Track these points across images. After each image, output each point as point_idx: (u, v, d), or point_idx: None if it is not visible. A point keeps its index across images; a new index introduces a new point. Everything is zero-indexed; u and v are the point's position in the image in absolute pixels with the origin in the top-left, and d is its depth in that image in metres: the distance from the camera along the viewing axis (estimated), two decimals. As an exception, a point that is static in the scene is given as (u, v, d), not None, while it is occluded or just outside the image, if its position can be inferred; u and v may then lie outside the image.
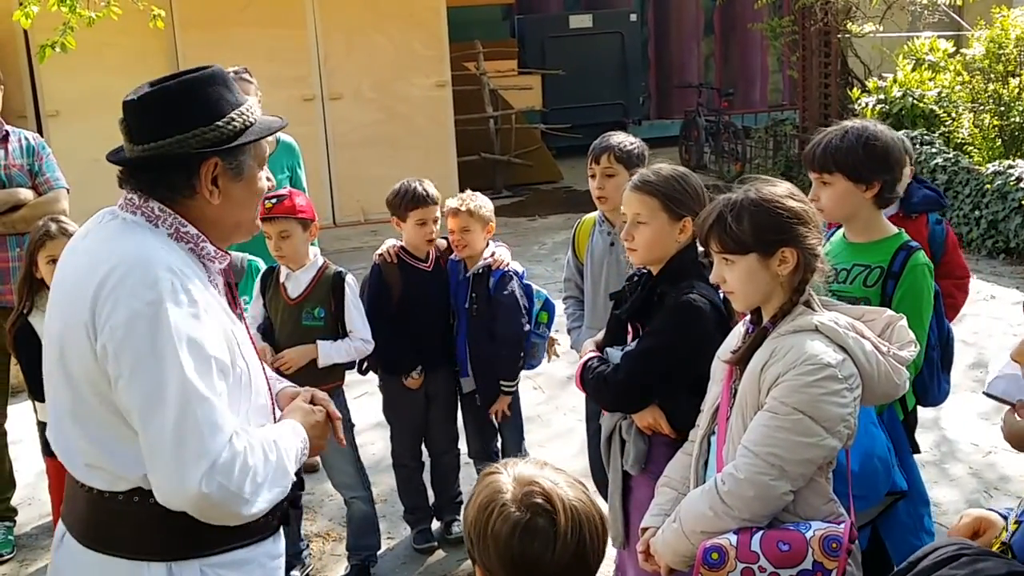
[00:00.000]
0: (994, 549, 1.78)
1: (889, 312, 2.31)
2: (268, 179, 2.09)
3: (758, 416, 2.15)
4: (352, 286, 3.75)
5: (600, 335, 2.91)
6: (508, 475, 1.55)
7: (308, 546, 4.11)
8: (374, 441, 5.05)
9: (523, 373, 4.13)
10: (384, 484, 4.59)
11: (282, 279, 3.74)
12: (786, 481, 2.10)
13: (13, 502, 4.36)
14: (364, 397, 5.54)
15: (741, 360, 2.24)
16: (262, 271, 3.85)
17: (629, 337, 2.79)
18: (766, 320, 2.24)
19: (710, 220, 2.26)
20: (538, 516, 1.49)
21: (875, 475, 2.64)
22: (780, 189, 2.26)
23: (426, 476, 4.26)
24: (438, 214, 3.91)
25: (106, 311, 1.78)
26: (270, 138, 4.60)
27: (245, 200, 2.02)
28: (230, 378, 1.89)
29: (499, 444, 4.28)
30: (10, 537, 4.25)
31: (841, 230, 2.99)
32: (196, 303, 1.84)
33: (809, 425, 2.08)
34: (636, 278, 2.84)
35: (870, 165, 2.80)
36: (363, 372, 4.09)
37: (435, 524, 4.24)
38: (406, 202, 3.85)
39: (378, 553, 4.06)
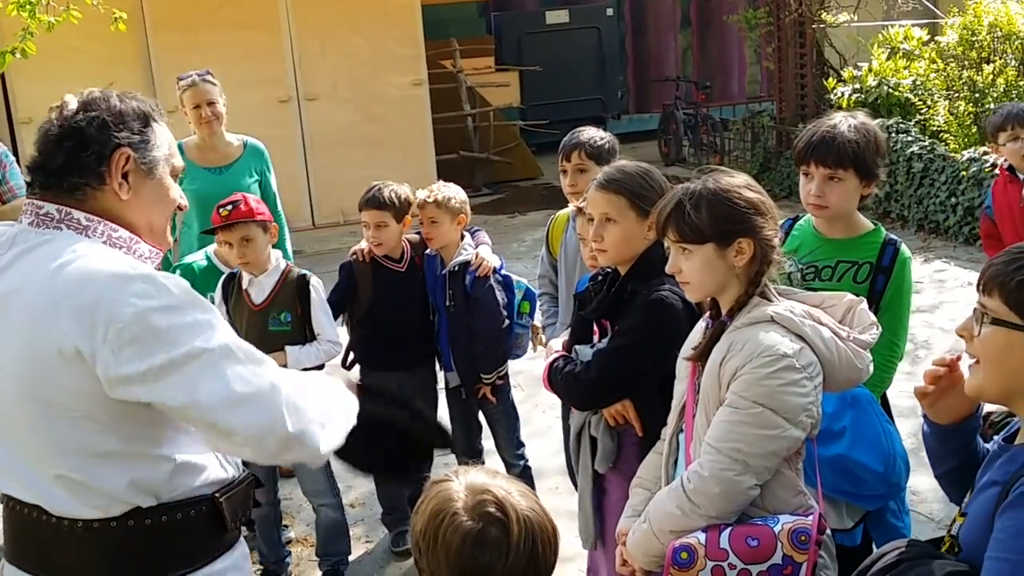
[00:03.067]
0: (945, 544, 1.75)
1: (850, 296, 2.29)
2: (180, 197, 2.04)
3: (719, 412, 2.13)
4: (317, 288, 3.72)
5: (565, 336, 2.89)
6: (459, 483, 1.51)
7: (290, 553, 4.07)
8: (352, 444, 5.02)
9: (511, 366, 4.11)
10: (363, 487, 4.56)
11: (244, 285, 3.69)
12: (751, 475, 2.08)
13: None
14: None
15: (701, 356, 2.22)
16: (223, 277, 3.80)
17: (596, 337, 2.76)
18: (724, 314, 2.23)
19: (668, 209, 2.23)
20: (491, 525, 1.46)
21: (900, 475, 2.65)
22: (738, 180, 2.25)
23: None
24: (388, 220, 3.84)
25: (111, 325, 1.70)
26: (235, 141, 4.64)
27: (156, 202, 1.96)
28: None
29: (483, 441, 4.27)
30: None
31: (804, 223, 2.95)
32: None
33: (770, 417, 2.06)
34: (600, 277, 2.81)
35: (878, 162, 2.79)
36: (348, 367, 4.06)
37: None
38: (360, 202, 3.88)
39: (356, 556, 4.04)
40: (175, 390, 1.74)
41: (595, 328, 2.79)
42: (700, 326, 2.37)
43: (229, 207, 3.57)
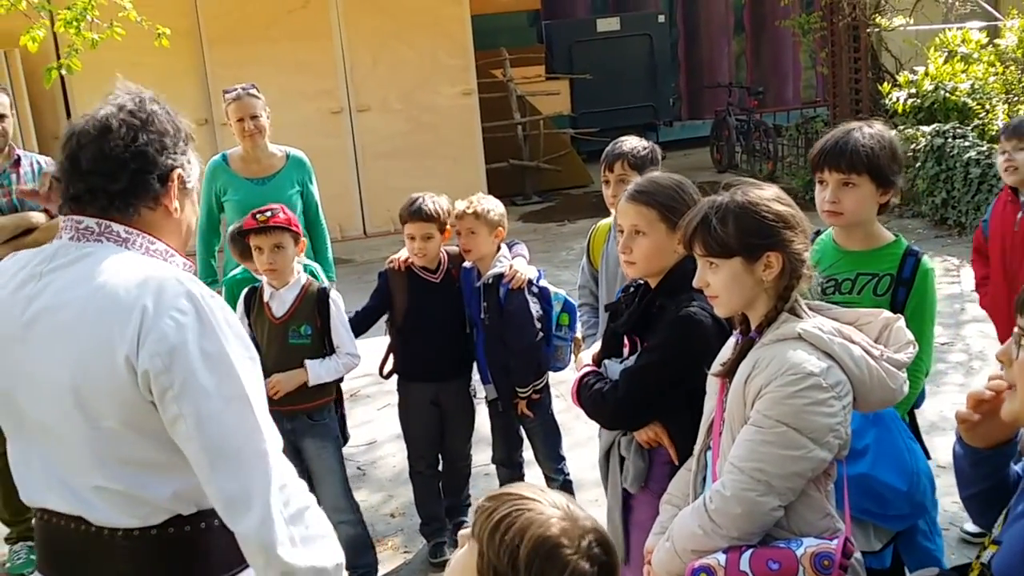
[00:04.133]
0: (973, 572, 1.69)
1: (886, 313, 2.23)
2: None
3: (743, 431, 2.09)
4: (336, 302, 3.76)
5: (596, 347, 2.86)
6: (554, 510, 1.47)
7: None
8: (394, 453, 5.05)
9: (552, 376, 4.08)
10: (403, 497, 4.58)
11: (266, 298, 3.73)
12: (774, 496, 2.04)
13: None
14: (387, 409, 5.54)
15: (728, 372, 2.18)
16: (244, 291, 3.85)
17: (626, 351, 2.72)
18: (752, 329, 2.18)
19: (694, 222, 2.20)
20: (602, 569, 1.45)
21: (924, 494, 2.58)
22: (767, 192, 2.20)
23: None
24: (434, 232, 3.88)
25: (150, 334, 1.74)
26: (278, 153, 4.70)
27: (192, 211, 2.02)
28: (258, 375, 1.89)
29: (523, 453, 4.25)
30: (32, 557, 4.29)
31: (824, 236, 2.90)
32: (224, 307, 1.84)
33: (794, 437, 2.01)
34: (632, 289, 2.78)
35: (894, 168, 2.74)
36: (386, 376, 4.12)
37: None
38: (403, 214, 3.89)
39: (395, 566, 4.05)
40: (177, 419, 1.77)
41: (626, 341, 2.76)
42: (731, 342, 2.33)
43: (267, 213, 3.63)
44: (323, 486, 3.84)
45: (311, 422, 3.77)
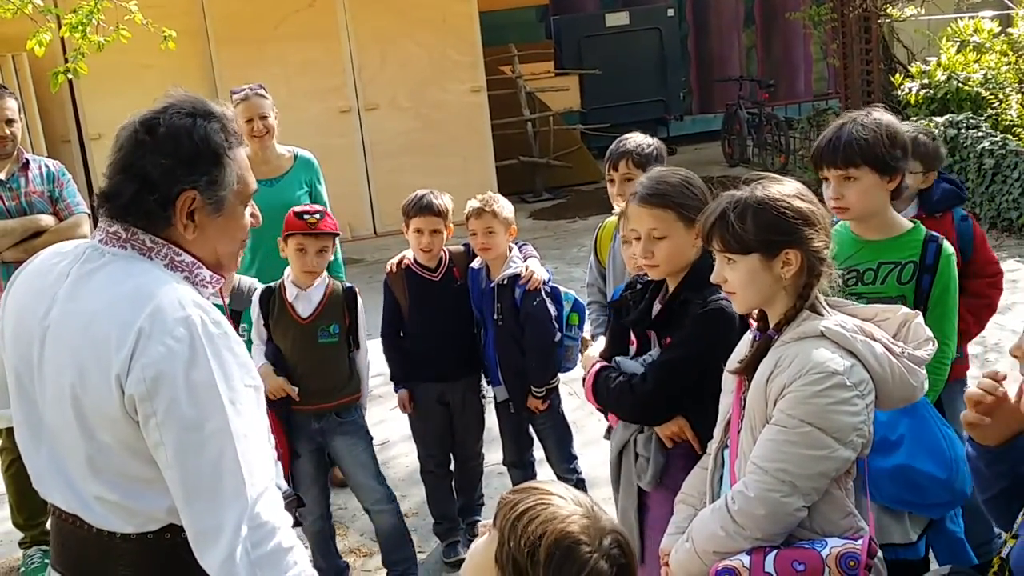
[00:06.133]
0: (993, 567, 1.66)
1: (904, 310, 2.20)
2: (254, 216, 2.01)
3: (766, 430, 2.05)
4: (360, 302, 3.78)
5: (601, 344, 2.82)
6: (574, 507, 1.46)
7: (348, 565, 4.06)
8: (407, 453, 5.02)
9: (561, 377, 4.06)
10: (416, 496, 4.56)
11: (289, 299, 3.69)
12: (798, 497, 2.01)
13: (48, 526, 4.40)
14: (399, 409, 5.51)
15: (747, 370, 2.14)
16: (258, 291, 3.80)
17: (633, 348, 2.68)
18: (771, 327, 2.15)
19: (712, 217, 2.16)
20: (620, 571, 1.44)
21: (964, 480, 2.53)
22: (788, 188, 2.16)
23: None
24: (441, 227, 3.86)
25: (140, 358, 1.72)
26: (285, 153, 4.68)
27: (223, 236, 1.92)
28: (260, 404, 1.85)
29: (534, 454, 4.22)
30: (46, 561, 4.28)
31: (840, 227, 2.86)
32: (226, 334, 1.80)
33: (818, 437, 1.98)
34: (640, 285, 2.74)
35: (894, 154, 2.69)
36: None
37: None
38: (409, 209, 3.86)
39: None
40: (158, 446, 1.74)
41: (632, 338, 2.72)
42: (747, 338, 2.30)
43: (316, 216, 3.60)
44: (357, 481, 3.83)
45: (339, 420, 3.75)
